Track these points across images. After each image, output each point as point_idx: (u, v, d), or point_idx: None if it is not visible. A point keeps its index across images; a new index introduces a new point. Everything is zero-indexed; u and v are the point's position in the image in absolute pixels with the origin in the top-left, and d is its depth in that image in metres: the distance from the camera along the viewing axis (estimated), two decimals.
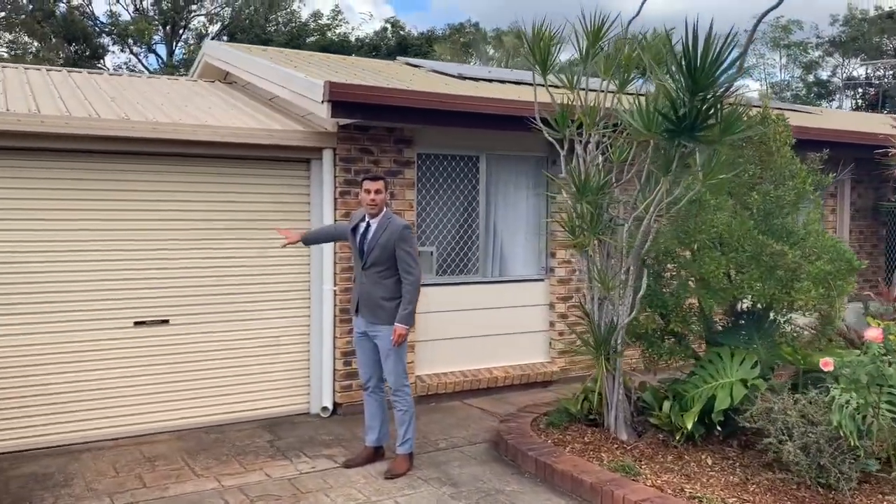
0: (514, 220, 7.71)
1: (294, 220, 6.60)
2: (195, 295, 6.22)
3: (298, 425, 6.36)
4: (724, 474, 4.78)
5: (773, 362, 5.27)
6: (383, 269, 5.06)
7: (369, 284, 5.09)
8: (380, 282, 5.08)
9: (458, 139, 7.20)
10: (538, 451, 5.18)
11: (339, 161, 6.59)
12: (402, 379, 5.15)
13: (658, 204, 4.89)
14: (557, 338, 7.81)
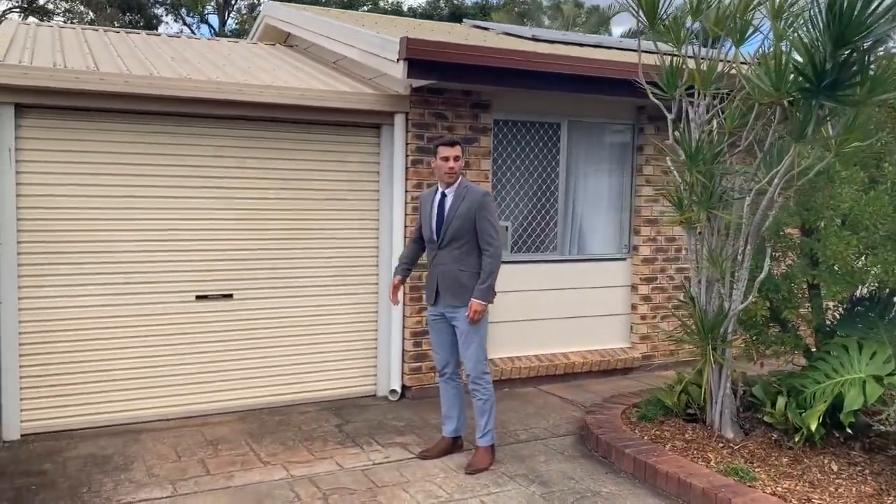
0: (596, 194, 7.14)
1: (362, 189, 6.15)
2: (259, 269, 5.84)
3: (366, 409, 5.95)
4: (854, 483, 4.21)
5: None
6: (464, 244, 4.58)
7: (450, 263, 4.61)
8: (462, 258, 4.61)
9: (538, 104, 6.65)
10: (635, 449, 4.67)
11: (411, 127, 6.10)
12: (483, 366, 4.67)
13: (785, 175, 4.28)
14: (640, 322, 7.25)
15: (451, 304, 4.63)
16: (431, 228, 4.70)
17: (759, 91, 4.27)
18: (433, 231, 4.69)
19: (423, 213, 4.81)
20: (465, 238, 4.59)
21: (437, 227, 4.67)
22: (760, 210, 4.43)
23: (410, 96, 6.05)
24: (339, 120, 5.96)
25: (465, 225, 4.58)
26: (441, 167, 4.63)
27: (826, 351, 4.80)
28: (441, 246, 4.64)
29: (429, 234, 4.73)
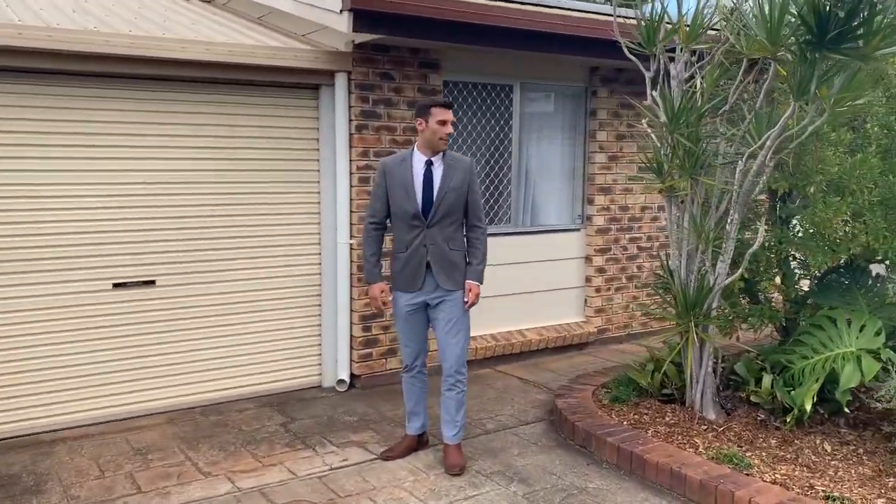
0: (549, 161, 6.72)
1: (301, 158, 5.51)
2: (185, 251, 5.14)
3: (312, 402, 5.39)
4: (851, 464, 3.98)
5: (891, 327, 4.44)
6: (454, 220, 4.10)
7: (441, 242, 4.08)
8: (452, 236, 4.12)
9: (489, 64, 6.13)
10: (618, 437, 4.31)
11: (354, 88, 5.48)
12: (465, 356, 4.20)
13: (778, 137, 3.94)
14: (594, 295, 6.92)
15: (448, 289, 4.12)
16: (416, 205, 4.10)
17: (751, 44, 3.90)
18: (417, 208, 4.10)
19: (394, 185, 4.16)
20: (457, 213, 4.10)
21: (425, 201, 4.10)
22: (751, 175, 4.08)
23: (353, 53, 5.42)
24: (273, 80, 5.29)
25: (458, 199, 4.08)
26: (437, 132, 4.04)
27: (811, 324, 4.55)
28: (431, 224, 4.09)
29: (412, 210, 4.10)
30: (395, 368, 5.82)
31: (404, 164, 4.17)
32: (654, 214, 7.18)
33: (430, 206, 4.08)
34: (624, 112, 6.85)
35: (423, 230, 4.09)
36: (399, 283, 4.24)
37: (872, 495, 3.61)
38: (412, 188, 4.10)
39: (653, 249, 7.22)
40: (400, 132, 5.68)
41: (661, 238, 7.25)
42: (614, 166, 6.87)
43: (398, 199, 4.15)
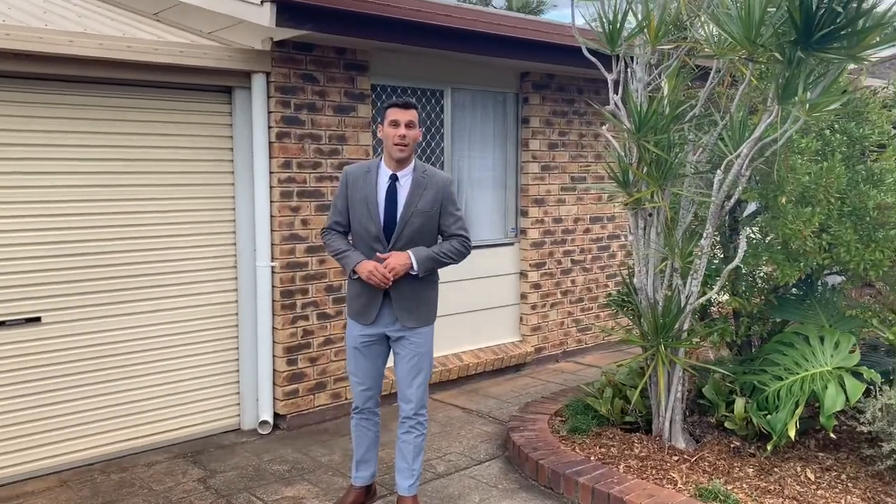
0: (482, 171, 6.30)
1: (211, 171, 4.83)
2: (74, 281, 4.36)
3: (232, 450, 4.70)
4: (838, 493, 3.73)
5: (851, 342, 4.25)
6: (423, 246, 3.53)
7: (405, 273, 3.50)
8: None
9: (419, 67, 5.65)
10: (590, 476, 3.89)
11: (274, 91, 4.86)
12: (427, 396, 3.67)
13: (756, 144, 3.65)
14: (530, 312, 6.55)
15: (409, 326, 3.55)
16: (378, 225, 3.52)
17: (722, 45, 3.60)
18: (380, 229, 3.52)
19: (354, 198, 3.58)
20: (426, 241, 3.53)
21: (386, 222, 3.52)
22: (726, 186, 3.78)
23: (272, 53, 4.81)
24: (178, 82, 4.60)
25: (427, 223, 3.52)
26: (389, 136, 3.48)
27: (780, 341, 4.31)
28: (393, 249, 3.51)
29: (373, 230, 3.52)
30: (325, 405, 5.22)
31: (368, 175, 3.59)
32: (587, 226, 6.89)
33: (394, 229, 3.52)
34: (556, 120, 6.53)
35: (385, 253, 3.53)
36: (352, 311, 3.67)
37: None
38: (374, 206, 3.53)
39: (586, 263, 6.93)
40: (326, 140, 5.10)
41: (593, 250, 6.98)
42: (547, 176, 6.53)
43: (359, 215, 3.57)
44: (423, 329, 3.57)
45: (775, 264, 4.18)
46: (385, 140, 3.51)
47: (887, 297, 4.76)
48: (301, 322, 5.10)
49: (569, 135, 6.64)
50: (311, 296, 5.14)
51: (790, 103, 3.40)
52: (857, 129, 4.30)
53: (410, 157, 3.55)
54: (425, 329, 3.58)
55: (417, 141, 3.54)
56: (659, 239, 4.07)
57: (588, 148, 6.81)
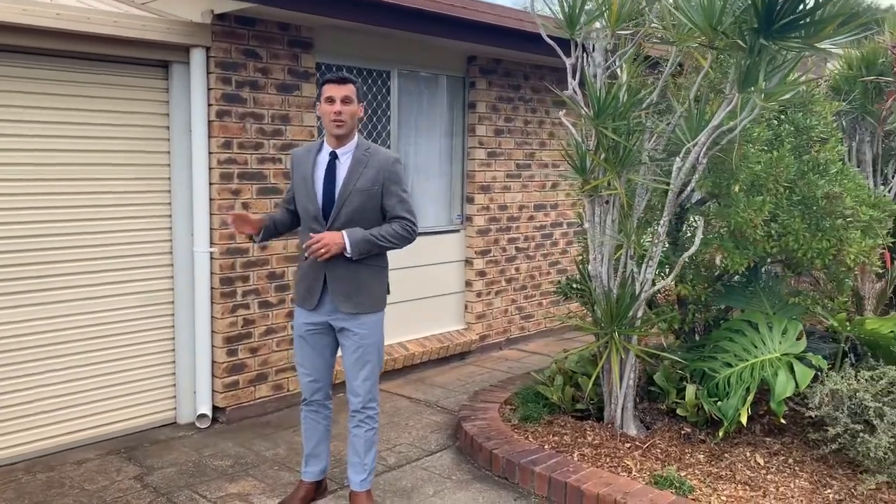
0: (428, 156, 6.17)
1: (145, 150, 4.55)
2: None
3: (169, 445, 4.47)
4: (787, 477, 3.79)
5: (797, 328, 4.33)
6: (364, 227, 3.35)
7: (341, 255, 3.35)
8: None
9: (366, 47, 5.47)
10: (545, 466, 3.84)
11: (214, 67, 4.61)
12: (377, 389, 3.53)
13: (714, 132, 3.65)
14: (475, 300, 6.48)
15: (346, 312, 3.39)
16: (316, 204, 3.36)
17: (682, 32, 3.58)
18: (319, 207, 3.36)
19: (297, 178, 3.45)
20: (368, 221, 3.36)
21: (324, 201, 3.36)
22: (683, 173, 3.77)
23: (212, 26, 4.55)
24: (110, 54, 4.29)
25: (368, 203, 3.34)
26: (325, 112, 3.31)
27: (729, 328, 4.35)
28: (332, 229, 3.34)
29: (311, 210, 3.37)
30: (267, 397, 5.02)
31: (310, 155, 3.44)
32: (531, 214, 6.86)
33: (331, 208, 3.36)
34: (502, 106, 6.46)
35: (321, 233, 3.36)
36: (297, 297, 3.51)
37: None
38: (311, 184, 3.38)
39: (530, 250, 6.90)
40: (268, 120, 4.88)
41: (537, 238, 6.95)
42: (493, 163, 6.46)
43: (300, 196, 3.44)
44: (365, 318, 3.39)
45: (725, 252, 4.21)
46: (322, 117, 3.35)
47: (825, 286, 4.88)
48: (241, 311, 4.88)
49: (514, 121, 6.58)
50: (252, 283, 4.92)
51: (750, 92, 3.40)
52: (803, 120, 4.37)
53: (351, 133, 3.39)
54: (369, 319, 3.41)
55: (357, 117, 3.38)
56: (614, 226, 4.04)
57: (533, 135, 6.77)
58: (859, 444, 3.66)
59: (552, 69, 6.80)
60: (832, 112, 4.53)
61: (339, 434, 4.37)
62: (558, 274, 7.17)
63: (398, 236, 3.37)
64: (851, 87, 5.82)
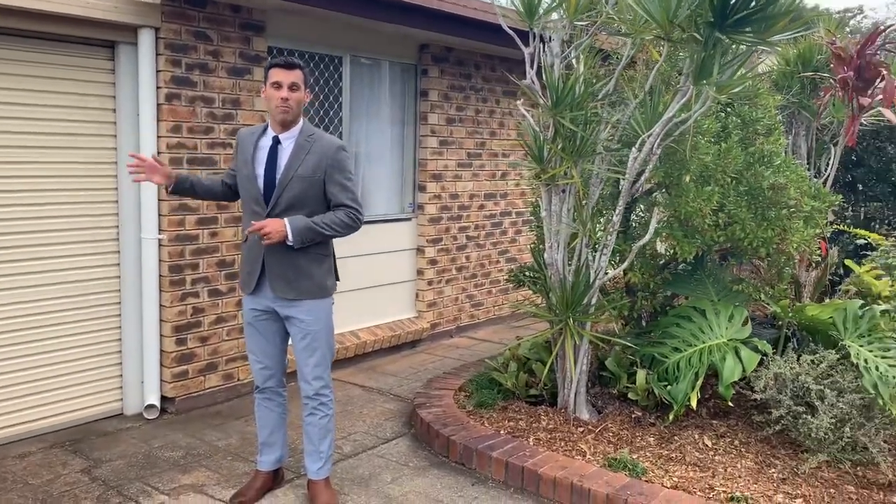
0: (380, 144, 6.13)
1: (90, 133, 4.40)
2: None
3: (117, 437, 4.35)
4: (733, 458, 3.93)
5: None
6: (306, 214, 3.30)
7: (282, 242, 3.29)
8: None
9: (319, 30, 5.40)
10: (503, 451, 3.89)
11: (163, 48, 4.48)
12: (328, 375, 3.50)
13: (668, 123, 3.74)
14: (426, 288, 6.49)
15: (285, 298, 3.34)
16: (257, 188, 3.32)
17: (638, 24, 3.65)
18: (259, 192, 3.32)
19: (239, 161, 3.41)
20: (310, 207, 3.31)
21: (265, 186, 3.31)
22: (638, 163, 3.85)
23: (162, 6, 4.42)
24: (53, 33, 4.12)
25: (309, 190, 3.29)
26: (271, 98, 3.26)
27: (678, 315, 4.48)
28: (272, 215, 3.30)
29: (252, 193, 3.33)
30: (217, 387, 4.94)
31: (253, 138, 3.40)
32: (481, 203, 6.90)
33: (272, 193, 3.31)
34: (454, 95, 6.47)
35: (264, 220, 3.30)
36: (241, 281, 3.50)
37: (770, 491, 3.56)
38: (252, 168, 3.33)
39: (480, 239, 6.95)
40: (219, 104, 4.77)
41: (487, 227, 7.00)
42: (445, 151, 6.47)
43: (242, 178, 3.40)
44: (309, 305, 3.35)
45: (675, 240, 4.32)
46: (268, 102, 3.30)
47: (767, 273, 5.06)
48: (191, 299, 4.78)
49: (466, 110, 6.60)
50: (201, 271, 4.82)
51: (704, 84, 3.49)
52: (750, 113, 4.51)
53: (297, 119, 3.34)
54: (313, 306, 3.36)
55: (304, 103, 3.34)
56: (570, 215, 4.10)
57: (484, 125, 6.80)
58: (801, 425, 3.83)
59: (502, 59, 6.84)
60: (775, 106, 4.69)
61: (294, 423, 4.33)
62: (507, 263, 7.24)
63: (342, 224, 3.33)
64: (789, 83, 6.03)
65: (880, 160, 7.18)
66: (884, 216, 7.30)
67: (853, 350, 3.94)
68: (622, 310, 4.71)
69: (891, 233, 6.66)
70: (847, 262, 5.42)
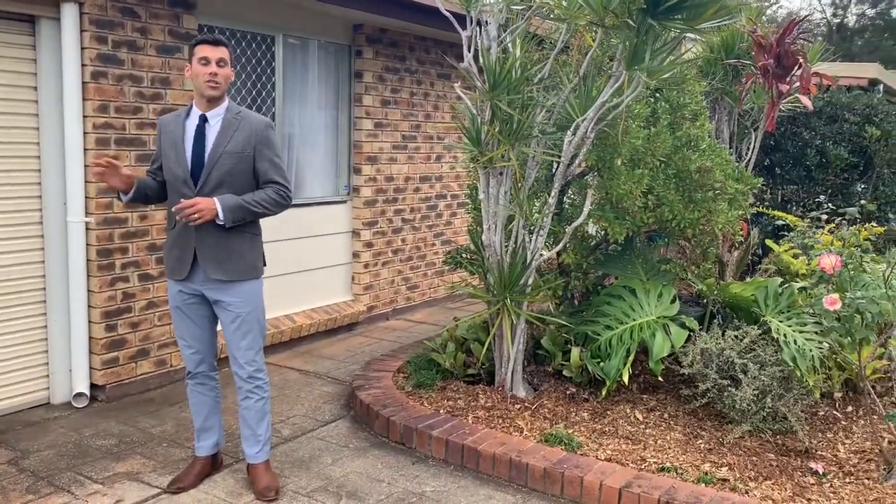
0: (314, 126, 6.07)
1: (10, 113, 4.22)
2: None
3: (44, 426, 4.22)
4: (663, 430, 4.09)
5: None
6: (235, 192, 3.26)
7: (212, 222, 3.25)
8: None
9: (250, 9, 5.30)
10: (442, 430, 3.95)
11: (88, 24, 4.32)
12: (262, 358, 3.47)
13: (601, 107, 3.84)
14: (362, 271, 6.48)
15: (217, 279, 3.29)
16: (185, 167, 3.25)
17: (572, 10, 3.72)
18: (187, 171, 3.25)
19: (164, 144, 3.33)
20: (238, 185, 3.27)
21: (193, 165, 3.25)
22: (573, 147, 3.94)
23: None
24: None
25: (238, 166, 3.25)
26: (199, 73, 3.20)
27: (609, 293, 4.61)
28: (201, 193, 3.24)
29: (180, 174, 3.26)
30: (149, 373, 4.84)
31: (178, 119, 3.34)
32: (416, 185, 6.92)
33: (200, 172, 3.26)
34: (389, 77, 6.44)
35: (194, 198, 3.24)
36: (168, 268, 3.42)
37: (697, 461, 3.72)
38: (181, 147, 3.27)
39: (415, 222, 6.97)
40: (148, 83, 4.63)
41: (422, 210, 7.03)
42: (380, 134, 6.45)
43: (168, 161, 3.32)
44: (239, 288, 3.32)
45: (606, 222, 4.45)
46: (195, 79, 3.24)
47: (692, 253, 5.26)
48: (120, 284, 4.65)
49: (401, 92, 6.59)
50: (131, 255, 4.69)
51: (637, 69, 3.59)
52: (677, 98, 4.66)
53: (223, 97, 3.30)
54: (243, 288, 3.33)
55: (230, 80, 3.30)
56: (507, 197, 4.17)
57: (419, 107, 6.81)
58: (726, 397, 4.01)
59: (437, 41, 6.85)
60: (700, 92, 4.85)
61: (230, 408, 4.29)
62: (443, 245, 7.30)
63: (272, 202, 3.31)
64: (713, 70, 6.24)
65: (796, 145, 7.52)
66: (799, 198, 7.66)
67: (773, 325, 4.14)
68: (556, 290, 4.83)
69: (806, 214, 7.00)
70: (768, 243, 5.67)
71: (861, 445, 3.94)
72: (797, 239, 5.52)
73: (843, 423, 4.24)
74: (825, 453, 3.84)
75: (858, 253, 4.10)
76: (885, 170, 7.46)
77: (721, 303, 4.79)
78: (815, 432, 4.09)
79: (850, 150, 7.32)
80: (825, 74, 5.24)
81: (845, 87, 8.47)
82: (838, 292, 3.82)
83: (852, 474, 3.61)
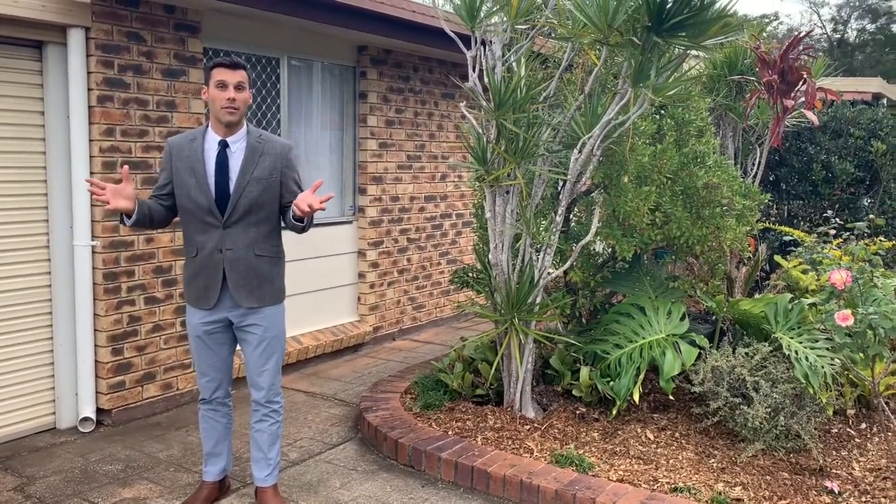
0: (318, 147, 6.08)
1: (16, 137, 4.23)
2: None
3: (51, 452, 4.19)
4: (675, 450, 4.04)
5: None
6: (262, 219, 3.26)
7: (243, 248, 3.23)
8: (260, 239, 3.28)
9: (256, 32, 5.32)
10: (452, 451, 3.91)
11: (95, 49, 4.34)
12: (279, 381, 3.45)
13: (607, 125, 3.83)
14: (368, 291, 6.46)
15: (248, 306, 3.28)
16: (209, 196, 3.21)
17: (577, 27, 3.73)
18: (211, 200, 3.22)
19: (179, 169, 3.27)
20: (266, 211, 3.26)
21: (218, 193, 3.22)
22: (579, 164, 3.93)
23: (92, 5, 4.28)
24: None
25: (266, 192, 3.24)
26: (216, 98, 3.17)
27: (618, 312, 4.58)
28: (229, 223, 3.22)
29: (203, 203, 3.21)
30: (155, 397, 4.81)
31: (194, 144, 3.28)
32: (421, 205, 6.91)
33: (226, 200, 3.24)
34: (393, 97, 6.46)
35: (220, 231, 3.24)
36: (190, 296, 3.35)
37: (710, 480, 3.67)
38: (203, 175, 3.22)
39: (421, 241, 6.96)
40: (153, 107, 4.65)
41: (427, 229, 7.02)
42: (385, 154, 6.46)
43: (186, 188, 3.25)
44: (268, 310, 3.32)
45: (613, 240, 4.42)
46: (212, 103, 3.20)
47: (700, 270, 5.24)
48: (127, 307, 4.64)
49: (405, 112, 6.60)
50: (137, 278, 4.68)
51: (643, 86, 3.59)
52: (683, 115, 4.66)
53: (241, 121, 3.28)
54: (271, 310, 3.33)
55: (248, 104, 3.30)
56: (513, 216, 4.16)
57: (423, 127, 6.82)
58: (738, 415, 3.97)
59: (440, 62, 6.87)
60: (705, 108, 4.85)
61: (237, 431, 4.25)
62: (448, 264, 7.28)
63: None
64: (717, 86, 6.25)
65: (801, 160, 7.50)
66: (805, 213, 7.63)
67: (784, 342, 4.10)
68: (564, 308, 4.80)
69: (813, 229, 6.97)
70: (776, 258, 5.64)
71: (876, 463, 3.88)
72: (806, 254, 5.48)
73: (857, 440, 4.18)
74: (840, 472, 3.79)
75: (868, 268, 4.07)
76: (892, 184, 7.43)
77: (731, 320, 4.75)
78: (828, 450, 4.04)
79: (855, 165, 7.30)
80: (830, 89, 5.24)
81: (849, 102, 8.48)
82: (849, 308, 3.79)
83: (868, 493, 3.56)
